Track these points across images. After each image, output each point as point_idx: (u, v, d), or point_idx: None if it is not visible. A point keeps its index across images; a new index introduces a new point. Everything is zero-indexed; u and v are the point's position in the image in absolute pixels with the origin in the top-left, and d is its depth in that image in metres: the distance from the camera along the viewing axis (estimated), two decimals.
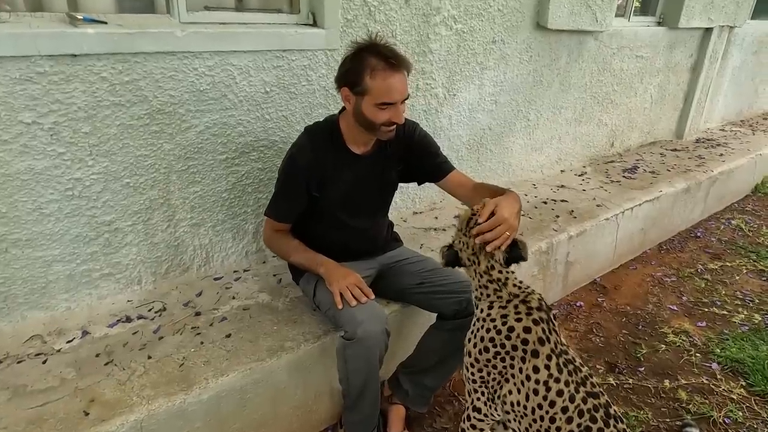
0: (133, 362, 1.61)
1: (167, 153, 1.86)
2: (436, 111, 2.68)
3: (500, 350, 1.38)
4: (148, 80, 1.73)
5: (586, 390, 1.28)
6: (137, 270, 1.94)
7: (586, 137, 3.77)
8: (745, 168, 4.25)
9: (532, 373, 1.32)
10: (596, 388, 1.30)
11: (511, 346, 1.36)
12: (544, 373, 1.31)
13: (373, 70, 1.51)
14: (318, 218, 1.78)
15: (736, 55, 4.97)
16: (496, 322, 1.40)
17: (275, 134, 2.11)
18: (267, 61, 1.97)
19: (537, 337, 1.34)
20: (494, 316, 1.41)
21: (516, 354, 1.35)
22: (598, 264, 3.05)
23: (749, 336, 2.54)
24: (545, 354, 1.32)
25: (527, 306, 1.38)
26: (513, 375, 1.36)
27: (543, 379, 1.30)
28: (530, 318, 1.36)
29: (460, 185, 1.83)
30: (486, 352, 1.40)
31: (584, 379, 1.30)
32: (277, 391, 1.70)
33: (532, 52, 3.01)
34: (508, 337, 1.36)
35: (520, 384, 1.34)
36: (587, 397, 1.27)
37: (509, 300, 1.41)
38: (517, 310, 1.38)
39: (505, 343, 1.37)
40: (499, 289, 1.43)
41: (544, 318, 1.36)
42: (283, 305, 1.93)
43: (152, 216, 1.91)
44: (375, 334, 1.52)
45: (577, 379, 1.29)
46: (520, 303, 1.39)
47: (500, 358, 1.38)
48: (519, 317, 1.37)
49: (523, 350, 1.34)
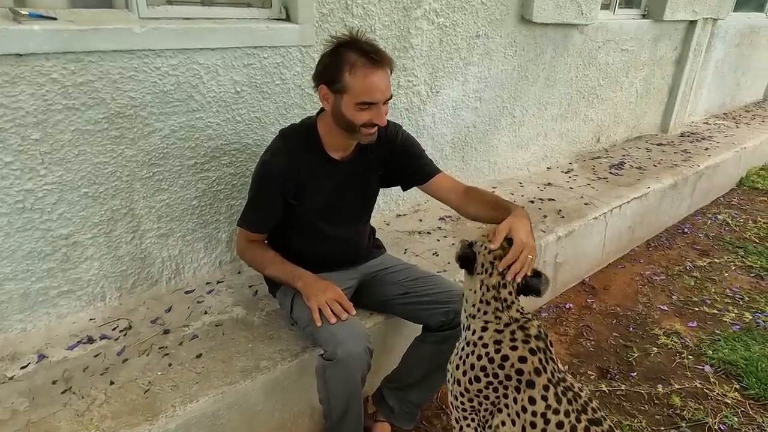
0: (93, 389, 1.48)
1: (129, 159, 1.72)
2: (419, 109, 2.57)
3: (493, 380, 1.26)
4: (104, 81, 1.59)
5: (588, 417, 1.18)
6: (100, 286, 1.81)
7: (572, 133, 3.70)
8: (731, 162, 4.23)
9: (528, 404, 1.21)
10: (598, 413, 1.20)
11: (505, 375, 1.25)
12: (541, 405, 1.20)
13: (353, 66, 1.39)
14: (295, 227, 1.67)
15: (720, 48, 4.95)
16: (489, 348, 1.27)
17: (248, 137, 1.98)
18: (237, 59, 1.84)
19: (533, 367, 1.23)
20: (486, 341, 1.29)
21: (510, 384, 1.25)
22: (587, 264, 2.98)
23: (741, 336, 2.49)
24: (542, 384, 1.22)
25: (525, 333, 1.26)
26: (507, 405, 1.26)
27: (540, 411, 1.20)
28: (527, 347, 1.24)
29: (449, 189, 1.70)
30: (477, 382, 1.29)
31: (584, 406, 1.20)
32: (253, 414, 1.59)
33: (516, 46, 2.91)
34: (501, 366, 1.25)
35: (515, 415, 1.24)
36: (590, 426, 1.17)
37: (507, 324, 1.29)
38: (513, 336, 1.26)
39: (498, 372, 1.25)
40: (501, 310, 1.30)
41: (541, 347, 1.25)
42: (258, 320, 1.81)
43: (115, 227, 1.77)
44: (356, 354, 1.42)
45: (577, 407, 1.20)
46: (518, 329, 1.27)
47: (493, 388, 1.27)
48: (514, 345, 1.25)
49: (517, 380, 1.24)
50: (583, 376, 2.24)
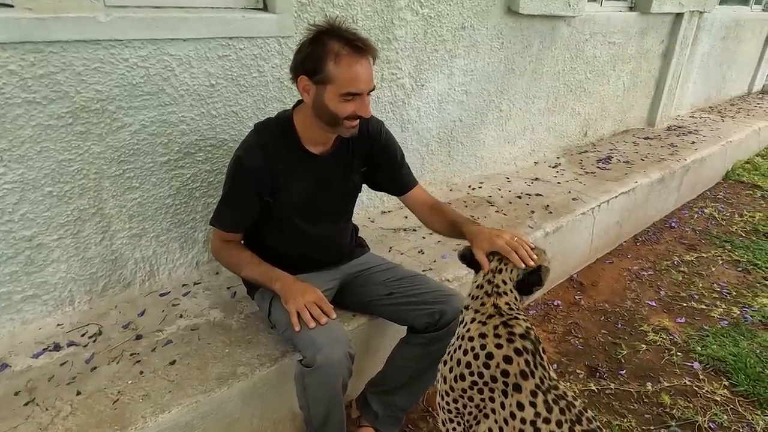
0: (58, 400, 1.40)
1: (97, 156, 1.63)
2: (404, 103, 2.50)
3: (477, 380, 1.21)
4: (67, 73, 1.50)
5: (583, 429, 1.12)
6: (68, 289, 1.72)
7: (559, 127, 3.65)
8: (717, 155, 4.22)
9: (516, 410, 1.15)
10: (593, 424, 1.14)
11: (490, 376, 1.19)
12: (530, 412, 1.14)
13: (337, 55, 1.32)
14: (273, 226, 1.59)
15: (706, 41, 4.94)
16: (474, 342, 1.23)
17: (224, 132, 1.89)
18: (211, 50, 1.75)
19: (519, 369, 1.17)
20: (473, 334, 1.24)
21: (496, 386, 1.19)
22: (575, 260, 2.94)
23: (729, 331, 2.46)
24: (529, 390, 1.16)
25: (509, 330, 1.21)
26: (493, 410, 1.20)
27: (530, 419, 1.14)
28: (512, 346, 1.19)
29: (420, 203, 1.73)
30: (462, 380, 1.23)
31: (579, 416, 1.14)
32: (231, 422, 1.52)
33: (503, 38, 2.85)
34: (486, 365, 1.19)
35: (503, 422, 1.17)
36: None
37: (491, 316, 1.24)
38: (496, 332, 1.21)
39: (483, 372, 1.20)
40: (489, 294, 1.28)
41: (528, 348, 1.19)
42: (236, 323, 1.74)
43: (83, 228, 1.68)
44: (336, 360, 1.35)
45: (571, 417, 1.13)
46: (502, 325, 1.22)
47: (477, 389, 1.21)
48: (499, 342, 1.19)
49: (503, 383, 1.18)
50: (572, 374, 2.20)
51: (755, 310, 2.64)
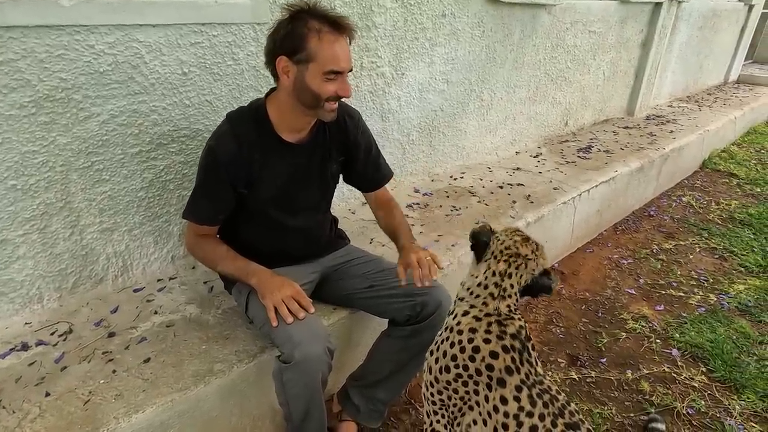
0: (26, 402, 1.34)
1: (63, 148, 1.56)
2: (384, 92, 2.46)
3: (462, 372, 1.20)
4: (29, 60, 1.42)
5: (565, 422, 1.12)
6: (36, 286, 1.65)
7: (540, 117, 3.65)
8: (694, 144, 4.27)
9: (500, 404, 1.14)
10: (575, 417, 1.14)
11: (475, 369, 1.18)
12: (513, 406, 1.13)
13: (319, 32, 1.29)
14: (247, 219, 1.55)
15: (684, 31, 4.98)
16: (463, 336, 1.22)
17: (198, 122, 1.83)
18: (182, 36, 1.69)
19: (505, 365, 1.16)
20: (462, 327, 1.23)
21: (480, 380, 1.18)
22: (556, 249, 2.95)
23: (706, 318, 2.50)
24: (514, 385, 1.15)
25: (502, 329, 1.19)
26: (477, 403, 1.19)
27: (513, 413, 1.13)
28: (500, 343, 1.18)
29: (381, 202, 1.76)
30: (447, 372, 1.22)
31: (562, 409, 1.14)
32: (208, 420, 1.48)
33: (484, 26, 2.82)
34: (472, 358, 1.18)
35: (486, 415, 1.17)
36: (566, 430, 1.11)
37: (488, 314, 1.22)
38: (488, 328, 1.20)
39: (468, 364, 1.19)
40: (494, 298, 1.24)
41: (516, 347, 1.18)
42: (213, 319, 1.69)
43: (50, 223, 1.61)
44: (315, 356, 1.32)
45: (554, 410, 1.13)
46: (496, 323, 1.20)
47: (462, 381, 1.20)
48: (488, 338, 1.18)
49: (488, 376, 1.17)
50: (554, 363, 2.20)
51: (731, 297, 2.68)
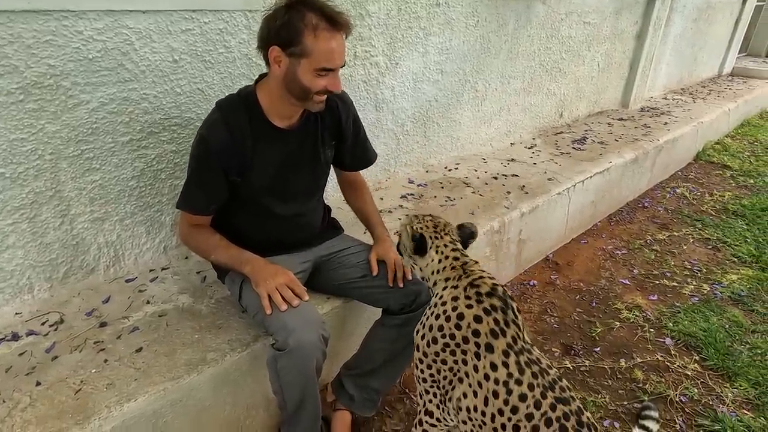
0: (16, 392, 1.33)
1: (52, 136, 1.54)
2: (378, 81, 2.44)
3: (449, 341, 1.22)
4: (16, 46, 1.40)
5: (555, 395, 1.12)
6: (26, 276, 1.63)
7: (535, 108, 3.64)
8: (688, 136, 4.28)
9: (490, 371, 1.16)
10: (566, 393, 1.14)
11: (462, 337, 1.20)
12: (502, 372, 1.15)
13: (315, 28, 1.27)
14: (240, 207, 1.54)
15: (678, 23, 4.97)
16: (447, 306, 1.25)
17: (190, 110, 1.81)
18: (173, 23, 1.67)
19: (489, 328, 1.18)
20: (445, 298, 1.27)
21: (468, 348, 1.19)
22: (551, 240, 2.95)
23: (699, 308, 2.51)
24: (501, 349, 1.16)
25: (476, 291, 1.24)
26: (467, 374, 1.20)
27: (502, 379, 1.14)
28: (481, 306, 1.21)
29: (359, 184, 1.80)
30: (434, 344, 1.25)
31: (552, 383, 1.14)
32: (201, 410, 1.47)
33: (478, 16, 2.81)
34: (458, 326, 1.21)
35: (476, 386, 1.18)
36: (556, 404, 1.11)
37: (459, 277, 1.29)
38: (467, 294, 1.24)
39: (455, 333, 1.21)
40: (457, 260, 1.33)
41: (497, 306, 1.21)
42: (206, 308, 1.68)
43: (40, 212, 1.59)
44: (309, 343, 1.31)
45: (543, 383, 1.13)
46: (469, 286, 1.25)
47: (450, 351, 1.22)
48: (470, 303, 1.22)
49: (475, 344, 1.19)
50: (548, 353, 2.21)
51: (724, 287, 2.70)
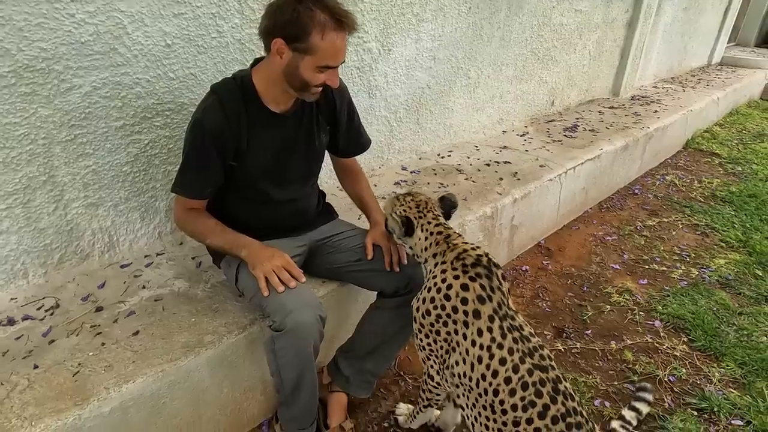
0: (14, 375, 1.34)
1: (45, 120, 1.53)
2: (371, 68, 2.44)
3: (441, 312, 1.29)
4: (7, 29, 1.39)
5: (533, 362, 1.17)
6: (21, 262, 1.63)
7: (527, 96, 3.66)
8: (678, 124, 4.32)
9: (477, 337, 1.22)
10: (545, 361, 1.19)
11: (452, 307, 1.26)
12: (487, 337, 1.21)
13: (324, 28, 1.27)
14: (236, 192, 1.54)
15: (669, 11, 5.00)
16: (437, 278, 1.33)
17: (183, 95, 1.81)
18: (165, 7, 1.66)
19: (476, 294, 1.24)
20: (436, 272, 1.35)
21: (458, 318, 1.26)
22: (543, 226, 2.98)
23: (688, 291, 2.56)
24: (487, 315, 1.22)
25: (462, 263, 1.30)
26: (458, 343, 1.27)
27: (486, 344, 1.21)
28: (467, 275, 1.27)
29: (355, 170, 1.81)
30: (428, 316, 1.32)
31: (532, 350, 1.19)
32: (199, 391, 1.49)
33: (470, 3, 2.81)
34: (447, 296, 1.27)
35: (464, 352, 1.25)
36: (533, 369, 1.16)
37: (444, 252, 1.36)
38: (453, 266, 1.31)
39: (445, 304, 1.28)
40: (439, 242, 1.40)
41: (482, 273, 1.27)
42: (202, 293, 1.69)
43: (33, 197, 1.59)
44: (307, 324, 1.33)
45: (523, 348, 1.19)
46: (455, 259, 1.32)
47: (443, 322, 1.29)
48: (456, 274, 1.28)
49: (464, 312, 1.25)
50: (540, 336, 2.24)
51: (712, 271, 2.75)
